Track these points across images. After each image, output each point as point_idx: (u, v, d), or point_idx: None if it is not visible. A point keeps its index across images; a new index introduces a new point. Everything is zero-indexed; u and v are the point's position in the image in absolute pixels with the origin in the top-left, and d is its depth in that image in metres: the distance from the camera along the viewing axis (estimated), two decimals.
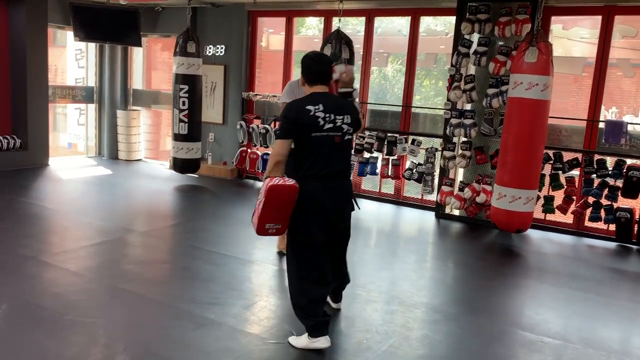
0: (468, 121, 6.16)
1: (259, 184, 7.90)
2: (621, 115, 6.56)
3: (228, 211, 6.42)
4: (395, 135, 6.93)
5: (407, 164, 6.97)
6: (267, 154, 7.87)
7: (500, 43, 6.07)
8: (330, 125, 3.05)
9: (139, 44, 8.83)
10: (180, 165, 7.59)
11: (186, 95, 7.33)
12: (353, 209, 3.35)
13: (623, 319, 4.01)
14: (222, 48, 8.28)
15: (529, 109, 5.21)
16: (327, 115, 3.04)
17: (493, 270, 4.93)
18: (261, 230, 3.05)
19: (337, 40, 6.12)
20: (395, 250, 5.36)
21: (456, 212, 6.64)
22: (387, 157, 7.02)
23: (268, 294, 4.02)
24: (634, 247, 5.77)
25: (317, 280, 3.17)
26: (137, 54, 9.51)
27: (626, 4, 5.76)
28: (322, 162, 3.07)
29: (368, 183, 7.53)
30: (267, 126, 7.87)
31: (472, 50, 6.14)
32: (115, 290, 3.87)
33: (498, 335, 3.55)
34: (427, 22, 7.52)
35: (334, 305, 3.71)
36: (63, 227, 5.45)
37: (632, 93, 6.81)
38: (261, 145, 7.99)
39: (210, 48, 8.30)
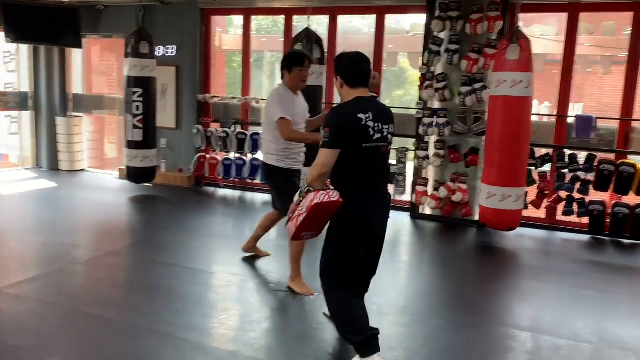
0: (441, 120, 6.08)
1: (221, 192, 7.50)
2: (585, 111, 6.73)
3: (190, 222, 5.99)
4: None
5: None
6: (228, 159, 7.50)
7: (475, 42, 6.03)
8: (379, 135, 2.86)
9: (78, 46, 8.15)
10: (135, 175, 7.06)
11: (140, 99, 6.82)
12: None
13: (597, 309, 4.03)
14: (173, 48, 7.78)
15: (514, 107, 5.18)
16: (376, 124, 2.83)
17: (478, 269, 4.92)
18: (297, 237, 2.98)
19: (308, 39, 5.86)
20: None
21: (428, 211, 6.56)
22: None
23: (232, 306, 3.79)
24: (607, 239, 5.90)
25: (357, 292, 3.07)
26: (77, 56, 8.78)
27: (590, 1, 5.88)
28: (370, 174, 2.90)
29: None
30: (227, 130, 7.48)
31: (443, 49, 6.06)
32: (71, 314, 3.52)
33: (489, 334, 3.45)
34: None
35: None
36: (9, 248, 4.86)
37: (587, 88, 7.02)
38: (221, 150, 7.59)
39: (160, 49, 7.77)
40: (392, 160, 6.66)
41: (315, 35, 5.93)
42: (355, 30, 7.64)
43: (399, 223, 6.37)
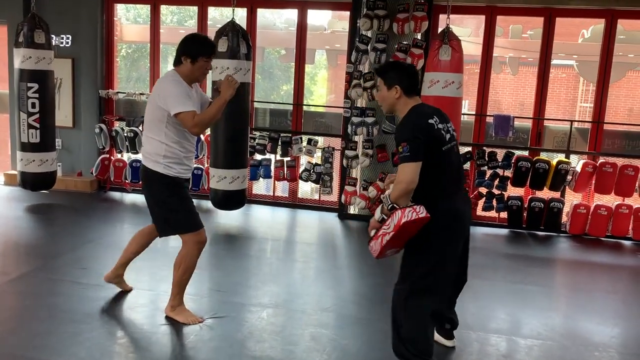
0: (370, 119, 6.04)
1: (129, 197, 6.87)
2: (499, 110, 7.04)
3: (100, 232, 5.41)
4: (289, 135, 6.54)
5: (304, 165, 6.63)
6: (137, 162, 6.88)
7: (401, 42, 6.03)
8: (449, 135, 2.83)
9: None
10: (32, 181, 6.21)
11: (36, 95, 5.99)
12: None
13: (545, 304, 4.21)
14: (68, 38, 6.97)
15: (447, 107, 5.17)
16: (444, 125, 2.81)
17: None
18: (381, 256, 2.79)
19: (234, 33, 5.48)
20: (308, 256, 5.02)
21: (353, 211, 6.51)
22: (281, 158, 6.60)
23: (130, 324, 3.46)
24: (525, 232, 6.24)
25: (436, 314, 2.95)
26: None
27: (506, 4, 6.14)
28: (454, 175, 2.87)
29: (261, 187, 7.04)
30: (135, 129, 6.85)
31: (370, 47, 6.01)
32: None
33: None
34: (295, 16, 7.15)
35: (448, 343, 3.27)
36: None
37: (498, 88, 7.38)
38: (128, 151, 6.94)
39: (52, 38, 6.91)
40: (317, 160, 6.53)
41: (241, 29, 5.57)
42: (272, 25, 7.35)
43: (327, 224, 6.26)
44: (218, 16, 8.64)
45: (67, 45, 6.98)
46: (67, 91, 7.09)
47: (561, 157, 6.16)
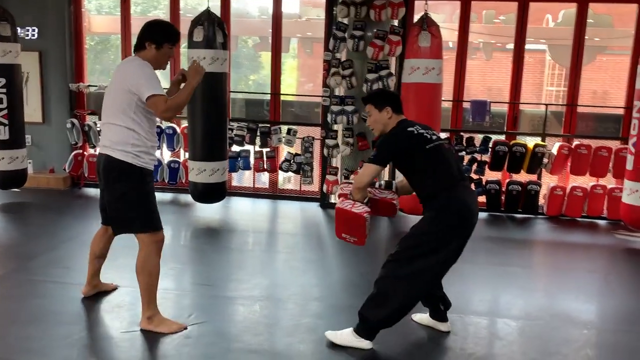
0: (349, 108, 6.02)
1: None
2: (470, 95, 7.11)
3: (79, 230, 5.28)
4: (268, 125, 6.47)
5: (284, 156, 6.58)
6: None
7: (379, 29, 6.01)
8: (435, 137, 3.07)
9: None
10: (3, 179, 6.00)
11: (4, 90, 5.77)
12: None
13: (529, 285, 4.30)
14: (34, 31, 6.72)
15: (428, 94, 5.28)
16: (426, 131, 3.05)
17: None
18: (338, 236, 3.11)
19: (210, 22, 5.37)
20: (294, 246, 5.00)
21: (335, 200, 6.51)
22: (260, 149, 6.54)
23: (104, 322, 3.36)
24: (503, 215, 6.34)
25: (419, 299, 3.15)
26: None
27: None
28: (449, 170, 3.03)
29: (240, 178, 6.97)
30: None
31: (348, 35, 5.97)
32: None
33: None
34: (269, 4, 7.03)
35: (443, 327, 3.32)
36: None
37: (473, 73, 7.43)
38: None
39: (17, 31, 6.66)
40: (298, 150, 6.48)
41: (217, 18, 5.46)
42: (245, 13, 7.24)
43: (309, 213, 6.24)
44: (186, 5, 8.46)
45: (33, 37, 6.74)
46: (34, 85, 6.85)
47: (537, 140, 6.26)
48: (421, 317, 3.39)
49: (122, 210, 3.16)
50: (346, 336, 3.06)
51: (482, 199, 6.38)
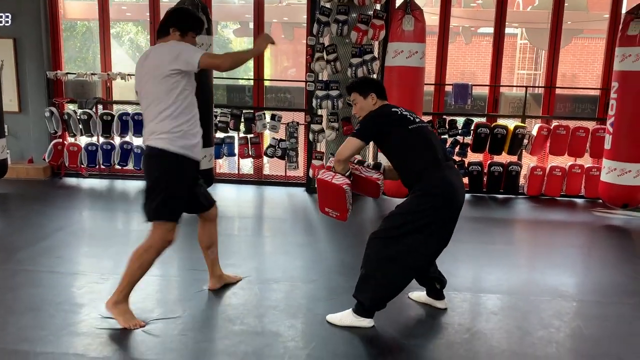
0: (334, 92, 6.05)
1: (86, 182, 6.64)
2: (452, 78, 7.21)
3: (64, 220, 5.23)
4: (251, 111, 6.46)
5: (269, 141, 6.59)
6: (93, 145, 6.63)
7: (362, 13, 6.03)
8: (418, 119, 3.14)
9: None
10: None
11: None
12: None
13: (518, 261, 4.47)
14: (7, 17, 6.55)
15: (411, 77, 5.35)
16: (409, 114, 3.13)
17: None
18: (322, 210, 3.24)
19: (194, 6, 5.32)
20: (285, 231, 5.05)
21: None
22: (244, 135, 6.53)
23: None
24: (486, 195, 6.49)
25: (410, 278, 3.15)
26: None
27: None
28: (433, 150, 3.06)
29: (224, 165, 6.95)
30: (89, 111, 6.58)
31: (332, 19, 5.98)
32: None
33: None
34: None
35: (440, 304, 3.41)
36: None
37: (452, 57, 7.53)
38: (82, 135, 6.67)
39: None
40: (283, 136, 6.50)
41: (200, 3, 5.41)
42: None
43: (296, 198, 6.28)
44: None
45: (6, 24, 6.57)
46: (9, 74, 6.69)
47: (517, 122, 6.41)
48: (419, 295, 3.48)
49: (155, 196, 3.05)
50: (347, 317, 3.13)
51: (465, 180, 6.51)
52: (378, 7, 5.99)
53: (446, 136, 6.35)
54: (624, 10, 6.18)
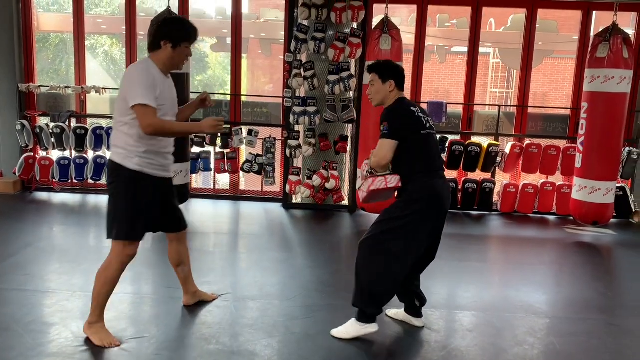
0: (311, 109, 6.07)
1: (57, 197, 6.51)
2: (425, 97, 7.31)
3: (29, 235, 5.11)
4: (228, 126, 6.44)
5: (245, 157, 6.57)
6: (66, 159, 6.51)
7: (340, 31, 6.09)
8: (428, 124, 3.18)
9: None
10: None
11: None
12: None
13: (491, 278, 4.53)
14: None
15: None
16: (423, 116, 3.17)
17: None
18: (366, 203, 3.33)
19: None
20: (262, 247, 5.02)
21: (297, 200, 6.56)
22: (221, 150, 6.50)
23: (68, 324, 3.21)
24: (460, 212, 6.57)
25: (403, 288, 3.29)
26: None
27: None
28: (434, 158, 3.17)
29: (199, 180, 6.89)
30: (61, 124, 6.47)
31: (309, 37, 6.03)
32: None
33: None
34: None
35: (417, 322, 3.42)
36: None
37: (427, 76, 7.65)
38: (54, 148, 6.55)
39: None
40: (259, 151, 6.49)
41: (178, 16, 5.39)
42: (202, 13, 7.18)
43: (272, 214, 6.25)
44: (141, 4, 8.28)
45: None
46: None
47: (490, 140, 6.52)
48: (396, 312, 3.49)
49: (114, 211, 3.03)
50: (352, 328, 3.18)
51: None
52: (355, 25, 6.07)
53: None
54: (592, 33, 6.38)
